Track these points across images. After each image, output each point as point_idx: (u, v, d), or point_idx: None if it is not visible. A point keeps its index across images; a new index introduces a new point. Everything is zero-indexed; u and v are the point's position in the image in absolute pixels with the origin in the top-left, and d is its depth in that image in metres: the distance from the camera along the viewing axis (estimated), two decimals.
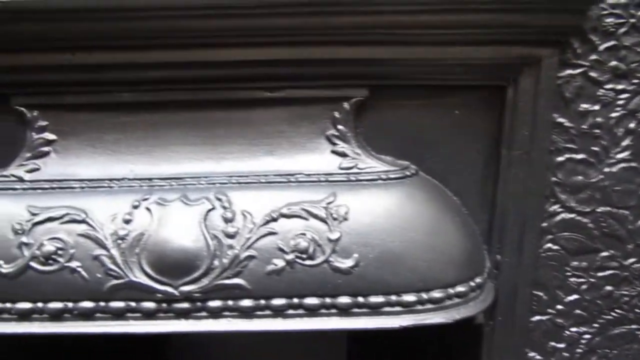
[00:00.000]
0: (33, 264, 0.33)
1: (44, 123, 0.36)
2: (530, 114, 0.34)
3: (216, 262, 0.32)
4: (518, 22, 0.32)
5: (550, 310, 0.39)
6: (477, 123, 0.36)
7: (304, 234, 0.33)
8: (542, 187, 0.36)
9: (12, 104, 0.36)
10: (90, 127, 0.36)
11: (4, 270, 0.33)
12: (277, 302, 0.33)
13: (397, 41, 0.33)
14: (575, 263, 0.38)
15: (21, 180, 0.36)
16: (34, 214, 0.34)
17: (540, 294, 0.38)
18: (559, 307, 0.39)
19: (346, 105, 0.35)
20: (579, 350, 0.40)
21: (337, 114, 0.36)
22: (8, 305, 0.33)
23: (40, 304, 0.33)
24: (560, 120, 0.35)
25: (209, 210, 0.33)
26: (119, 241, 0.33)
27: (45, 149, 0.37)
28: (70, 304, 0.33)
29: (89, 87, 0.35)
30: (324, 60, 0.34)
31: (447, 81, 0.35)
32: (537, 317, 0.39)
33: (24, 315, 0.33)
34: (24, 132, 0.37)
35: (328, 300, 0.33)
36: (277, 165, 0.36)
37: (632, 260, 0.37)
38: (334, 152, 0.36)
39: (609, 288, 0.38)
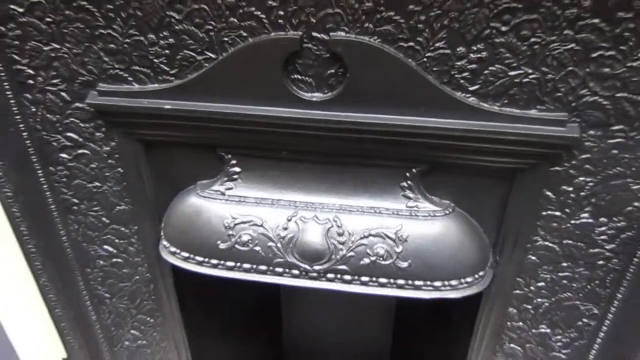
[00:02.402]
0: (237, 246, 0.61)
1: (234, 162, 0.61)
2: (528, 190, 0.56)
3: (333, 257, 0.59)
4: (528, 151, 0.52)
5: (525, 289, 0.64)
6: (497, 184, 0.58)
7: (382, 247, 0.58)
8: (531, 228, 0.58)
9: (217, 151, 0.61)
10: (261, 167, 0.61)
11: (221, 246, 0.62)
12: (364, 278, 0.60)
13: (446, 150, 0.54)
14: (545, 267, 0.61)
15: (222, 194, 0.63)
16: (234, 218, 0.61)
17: (520, 280, 0.63)
18: (532, 287, 0.64)
19: (414, 170, 0.58)
20: (540, 310, 0.65)
21: (408, 174, 0.58)
22: (222, 262, 0.63)
23: (238, 264, 0.63)
24: (548, 193, 0.56)
25: (330, 227, 0.59)
26: (281, 239, 0.60)
27: (235, 176, 0.62)
28: (254, 266, 0.62)
29: (264, 148, 0.59)
30: (405, 153, 0.55)
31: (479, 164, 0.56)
32: (517, 291, 0.65)
33: (229, 268, 0.63)
34: (222, 166, 0.62)
35: (392, 280, 0.60)
36: (369, 201, 0.60)
37: (580, 269, 0.61)
38: (404, 195, 0.59)
39: (564, 282, 0.62)
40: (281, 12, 0.49)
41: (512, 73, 0.49)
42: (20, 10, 0.53)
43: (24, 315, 0.91)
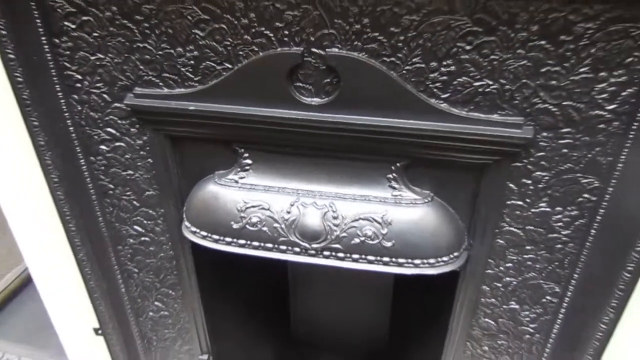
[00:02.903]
0: (247, 226, 0.72)
1: (247, 155, 0.72)
2: (494, 182, 0.65)
3: (328, 237, 0.70)
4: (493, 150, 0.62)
5: (495, 269, 0.74)
6: (469, 177, 0.68)
7: (370, 229, 0.69)
8: (498, 216, 0.68)
9: (232, 145, 0.72)
10: (269, 159, 0.71)
11: (234, 226, 0.72)
12: (355, 255, 0.70)
13: (423, 148, 0.64)
14: (511, 249, 0.71)
15: (236, 182, 0.74)
16: (245, 202, 0.72)
17: (491, 261, 0.73)
18: (501, 267, 0.73)
19: (398, 164, 0.68)
20: (509, 288, 0.75)
21: (393, 167, 0.68)
22: (234, 240, 0.74)
23: (248, 242, 0.74)
24: (511, 185, 0.66)
25: (326, 212, 0.70)
26: (285, 221, 0.71)
27: (247, 167, 0.73)
28: (262, 244, 0.73)
29: (272, 143, 0.70)
30: (390, 149, 0.66)
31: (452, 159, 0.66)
32: (488, 271, 0.75)
33: (241, 245, 0.74)
34: (236, 158, 0.73)
35: (378, 257, 0.70)
36: (360, 190, 0.70)
37: (542, 252, 0.70)
38: (389, 186, 0.70)
39: (528, 263, 0.72)
40: (286, 32, 0.59)
41: (477, 84, 0.59)
42: (73, 26, 0.65)
43: (61, 287, 1.03)
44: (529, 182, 0.65)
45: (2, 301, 1.49)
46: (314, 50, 0.60)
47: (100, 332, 1.08)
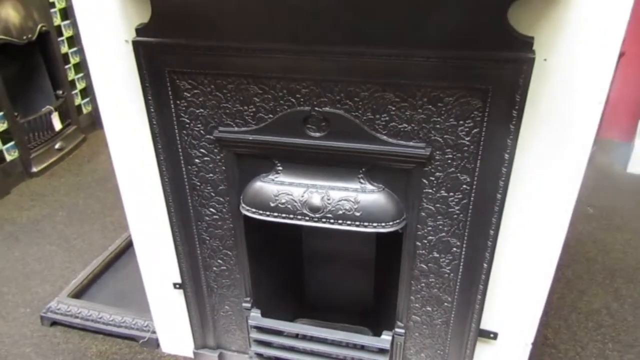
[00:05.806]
0: (279, 204, 1.26)
1: (279, 164, 1.27)
2: (415, 179, 1.19)
3: (325, 210, 1.23)
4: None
5: (422, 231, 1.27)
6: (403, 176, 1.22)
7: (347, 205, 1.22)
8: (419, 199, 1.22)
9: (271, 159, 1.27)
10: (292, 167, 1.26)
11: (271, 205, 1.27)
12: (340, 221, 1.24)
13: (376, 160, 1.18)
14: (429, 219, 1.24)
15: (273, 180, 1.28)
16: (278, 191, 1.26)
17: (419, 226, 1.26)
18: (425, 230, 1.26)
19: (363, 169, 1.22)
20: (432, 243, 1.27)
21: (361, 171, 1.22)
22: (272, 213, 1.28)
23: (280, 214, 1.28)
24: (424, 180, 1.19)
25: (323, 196, 1.24)
26: (300, 201, 1.25)
27: (279, 171, 1.28)
28: (287, 215, 1.27)
29: (294, 157, 1.25)
30: (358, 161, 1.20)
31: (393, 166, 1.20)
32: (418, 232, 1.27)
33: (275, 216, 1.28)
34: (273, 166, 1.28)
35: (352, 222, 1.23)
36: (342, 184, 1.24)
37: (446, 220, 1.23)
38: (359, 181, 1.24)
39: (440, 227, 1.25)
40: (302, 99, 1.15)
41: (399, 126, 1.13)
42: (188, 95, 1.22)
43: (154, 252, 1.58)
44: (433, 178, 1.18)
45: (98, 273, 2.06)
46: (316, 108, 1.16)
47: (178, 285, 1.63)
